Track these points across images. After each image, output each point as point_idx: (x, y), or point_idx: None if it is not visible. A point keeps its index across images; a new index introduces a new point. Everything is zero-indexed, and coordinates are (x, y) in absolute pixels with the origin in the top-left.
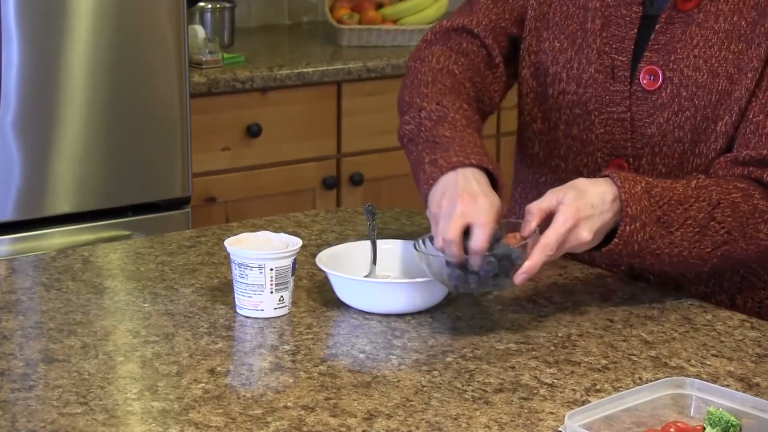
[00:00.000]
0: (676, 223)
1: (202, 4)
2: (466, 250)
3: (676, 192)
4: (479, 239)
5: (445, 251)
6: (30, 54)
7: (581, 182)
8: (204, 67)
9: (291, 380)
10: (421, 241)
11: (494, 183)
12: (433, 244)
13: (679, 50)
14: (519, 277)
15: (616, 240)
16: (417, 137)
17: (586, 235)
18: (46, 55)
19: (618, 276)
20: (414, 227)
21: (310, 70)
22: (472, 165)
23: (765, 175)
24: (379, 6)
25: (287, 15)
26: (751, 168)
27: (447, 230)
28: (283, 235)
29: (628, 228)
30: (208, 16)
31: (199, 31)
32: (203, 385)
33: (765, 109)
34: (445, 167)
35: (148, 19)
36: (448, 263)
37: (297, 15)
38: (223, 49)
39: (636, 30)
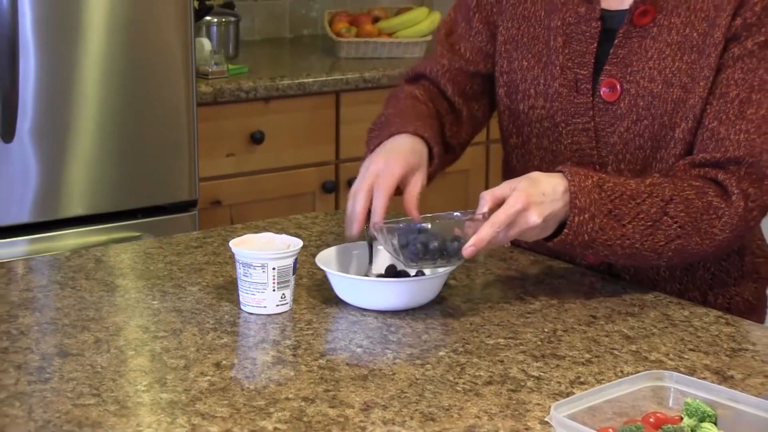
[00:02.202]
0: (628, 217)
1: (208, 18)
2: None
3: (628, 187)
4: (376, 207)
5: (350, 206)
6: (45, 65)
7: (536, 174)
8: (210, 77)
9: (292, 373)
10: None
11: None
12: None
13: (635, 63)
14: (467, 249)
15: (566, 230)
16: (375, 137)
17: (535, 218)
18: (60, 66)
19: (600, 275)
20: None
21: (310, 80)
22: (407, 132)
23: (719, 175)
24: (376, 20)
25: (289, 28)
26: (706, 169)
27: (356, 185)
28: (284, 236)
29: (576, 218)
30: (214, 29)
31: (206, 44)
32: (209, 377)
33: (719, 116)
34: (387, 136)
35: (158, 32)
36: (401, 238)
37: (298, 28)
38: (228, 60)
39: (596, 45)
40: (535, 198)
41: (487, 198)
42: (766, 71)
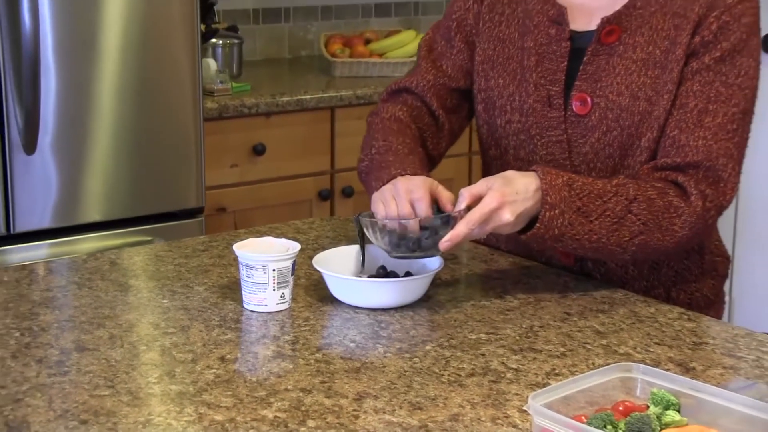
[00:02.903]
0: (595, 213)
1: (214, 40)
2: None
3: (596, 187)
4: (422, 210)
5: (400, 218)
6: (65, 84)
7: (510, 173)
8: (216, 94)
9: (291, 366)
10: (360, 216)
11: None
12: (369, 219)
13: (604, 78)
14: (444, 244)
15: (537, 224)
16: (370, 169)
17: (508, 216)
18: (78, 84)
19: (573, 275)
20: None
21: (308, 97)
22: (407, 174)
23: (679, 178)
24: (367, 42)
25: (288, 50)
26: (668, 172)
27: (402, 207)
28: (283, 240)
29: (548, 214)
30: (220, 50)
31: (212, 64)
32: (215, 370)
33: (679, 125)
34: (387, 179)
35: (168, 54)
36: (389, 232)
37: (296, 50)
38: (232, 79)
39: (566, 63)
40: (509, 197)
41: (465, 195)
42: (722, 84)
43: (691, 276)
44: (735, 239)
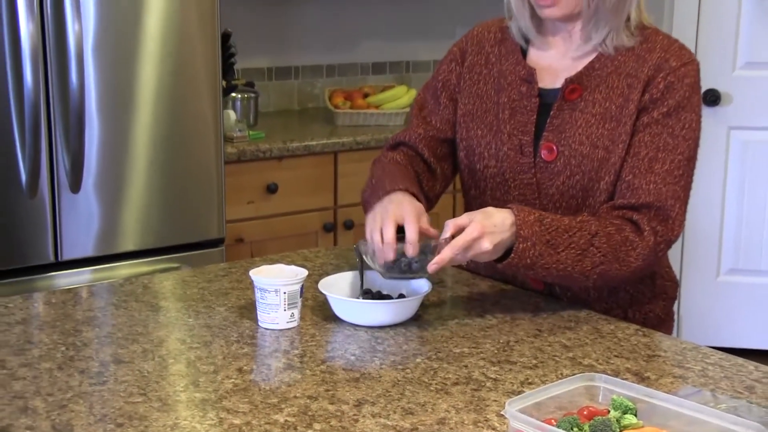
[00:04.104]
0: (562, 246)
1: (234, 94)
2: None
3: (563, 223)
4: (411, 232)
5: (384, 244)
6: (106, 132)
7: (490, 209)
8: (235, 141)
9: (299, 376)
10: (361, 242)
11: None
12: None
13: (567, 130)
14: (431, 266)
15: (512, 255)
16: (369, 195)
17: (487, 245)
18: (117, 132)
19: (544, 297)
20: None
21: (314, 143)
22: (399, 189)
23: (634, 216)
24: (365, 95)
25: (297, 102)
26: (624, 211)
27: (386, 230)
28: (293, 267)
29: (521, 245)
30: (238, 103)
31: (232, 115)
32: (233, 380)
33: (633, 171)
34: (383, 194)
35: (194, 106)
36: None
37: (304, 102)
38: (249, 127)
39: (535, 116)
40: (488, 228)
41: (450, 225)
42: (669, 135)
43: (645, 298)
44: (682, 266)
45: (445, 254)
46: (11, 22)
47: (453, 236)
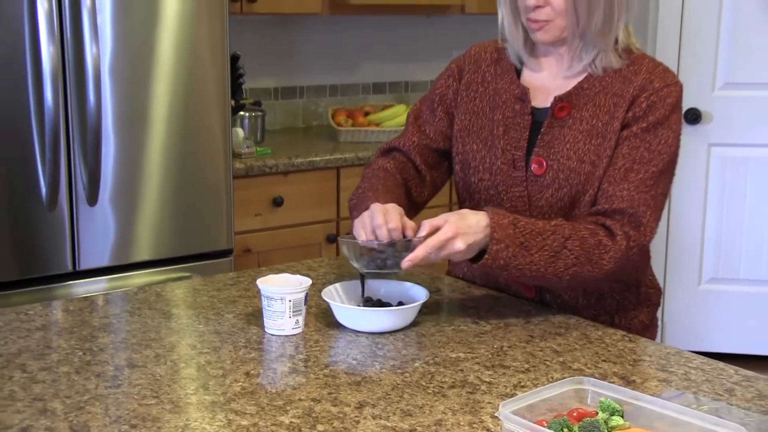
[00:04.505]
0: (535, 248)
1: (242, 113)
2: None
3: (537, 226)
4: (393, 221)
5: (377, 234)
6: (121, 148)
7: (465, 211)
8: (243, 157)
9: (303, 380)
10: (340, 237)
11: None
12: (347, 240)
13: (556, 146)
14: (405, 263)
15: (486, 256)
16: (355, 205)
17: (460, 245)
18: (132, 149)
19: (535, 304)
20: None
21: (318, 158)
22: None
23: (607, 221)
24: (367, 114)
25: (302, 120)
26: (598, 216)
27: (375, 217)
28: (298, 276)
29: (495, 247)
30: (246, 121)
31: (240, 132)
32: (241, 383)
33: (609, 179)
34: (364, 209)
35: (204, 124)
36: (362, 253)
37: (309, 120)
38: (257, 144)
39: (527, 133)
40: (462, 229)
41: (426, 225)
42: (645, 149)
43: (630, 305)
44: (666, 275)
45: (419, 252)
46: (33, 44)
47: (428, 236)
